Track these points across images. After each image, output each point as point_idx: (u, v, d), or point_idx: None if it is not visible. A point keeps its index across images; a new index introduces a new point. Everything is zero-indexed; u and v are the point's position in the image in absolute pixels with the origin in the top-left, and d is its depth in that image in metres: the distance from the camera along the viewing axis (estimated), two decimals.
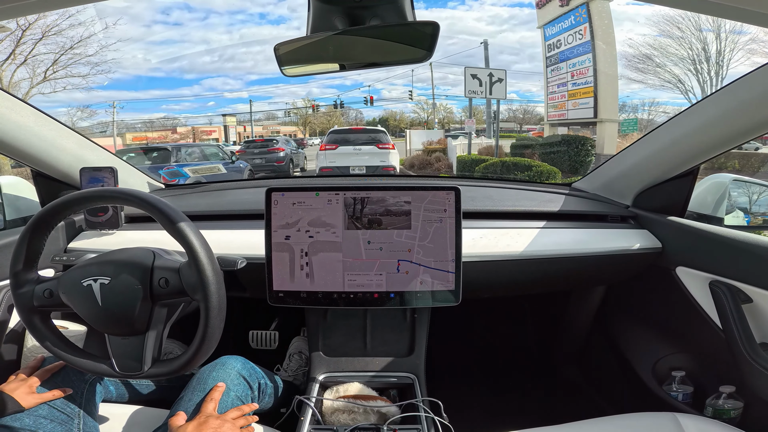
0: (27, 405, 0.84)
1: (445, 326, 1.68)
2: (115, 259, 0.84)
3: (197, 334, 0.80)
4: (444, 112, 36.65)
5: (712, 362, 1.23)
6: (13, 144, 1.11)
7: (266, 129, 36.20)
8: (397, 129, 37.43)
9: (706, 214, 1.32)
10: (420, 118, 37.33)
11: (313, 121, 37.20)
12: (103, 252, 0.89)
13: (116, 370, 0.83)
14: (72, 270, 0.84)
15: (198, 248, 0.79)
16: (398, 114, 40.42)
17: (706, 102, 1.04)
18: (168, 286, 0.82)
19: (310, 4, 0.78)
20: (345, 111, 37.32)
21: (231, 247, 1.13)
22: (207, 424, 0.82)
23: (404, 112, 41.57)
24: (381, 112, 40.26)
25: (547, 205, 1.38)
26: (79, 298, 0.81)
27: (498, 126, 15.16)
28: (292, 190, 1.07)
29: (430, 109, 36.25)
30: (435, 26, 0.80)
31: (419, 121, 37.19)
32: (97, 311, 0.81)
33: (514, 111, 32.13)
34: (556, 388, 1.71)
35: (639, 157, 1.31)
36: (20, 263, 0.83)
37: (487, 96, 13.18)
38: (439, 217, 1.06)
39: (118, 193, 0.84)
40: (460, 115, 34.60)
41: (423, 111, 36.86)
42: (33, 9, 0.61)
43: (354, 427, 0.95)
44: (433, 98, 31.66)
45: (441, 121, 37.11)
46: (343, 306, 1.09)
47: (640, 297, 1.43)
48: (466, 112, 31.54)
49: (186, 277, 0.81)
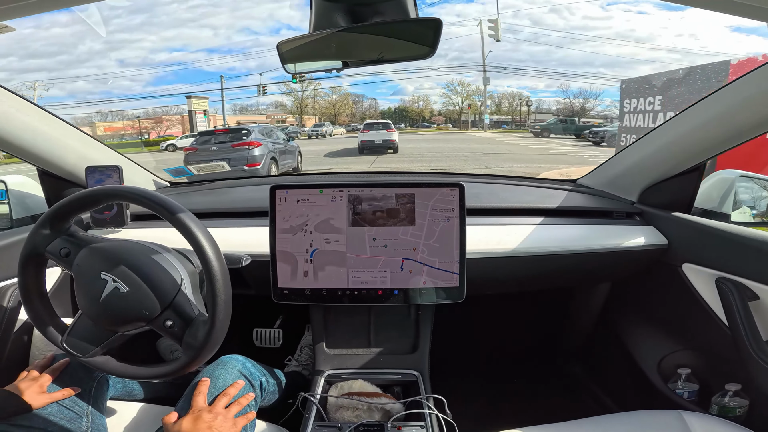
0: (38, 404, 0.85)
1: (449, 323, 1.68)
2: (144, 272, 0.80)
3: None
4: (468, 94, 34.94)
5: (717, 360, 1.22)
6: (19, 143, 1.12)
7: (270, 118, 34.00)
8: (419, 119, 36.36)
9: (713, 210, 1.31)
10: (453, 104, 35.48)
11: (312, 105, 35.33)
12: (146, 245, 0.86)
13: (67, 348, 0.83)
14: (103, 249, 0.82)
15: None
16: (421, 101, 38.37)
17: (713, 97, 1.03)
18: (169, 329, 0.79)
19: (312, 2, 0.78)
20: (358, 99, 36.42)
21: (235, 244, 1.14)
22: (201, 419, 0.82)
23: (429, 97, 39.88)
24: (397, 103, 39.04)
25: (551, 201, 1.37)
26: (85, 281, 0.80)
27: None
28: (296, 187, 1.07)
29: (465, 92, 34.46)
30: (438, 23, 0.80)
31: (451, 111, 35.51)
32: (94, 303, 0.80)
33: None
34: (561, 386, 1.71)
35: (645, 153, 1.30)
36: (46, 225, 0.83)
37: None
38: (447, 216, 1.06)
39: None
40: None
41: (456, 95, 35.14)
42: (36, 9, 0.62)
43: (358, 424, 0.96)
44: (484, 71, 29.00)
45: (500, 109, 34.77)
46: (348, 303, 1.09)
47: (645, 294, 1.42)
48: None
49: (191, 333, 0.79)
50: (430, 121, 36.33)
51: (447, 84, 35.67)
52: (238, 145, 8.72)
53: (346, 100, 35.43)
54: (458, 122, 34.95)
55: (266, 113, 35.16)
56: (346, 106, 35.66)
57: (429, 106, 37.77)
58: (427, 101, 38.36)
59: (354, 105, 36.35)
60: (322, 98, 35.14)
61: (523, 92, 36.63)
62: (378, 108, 36.97)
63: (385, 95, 48.51)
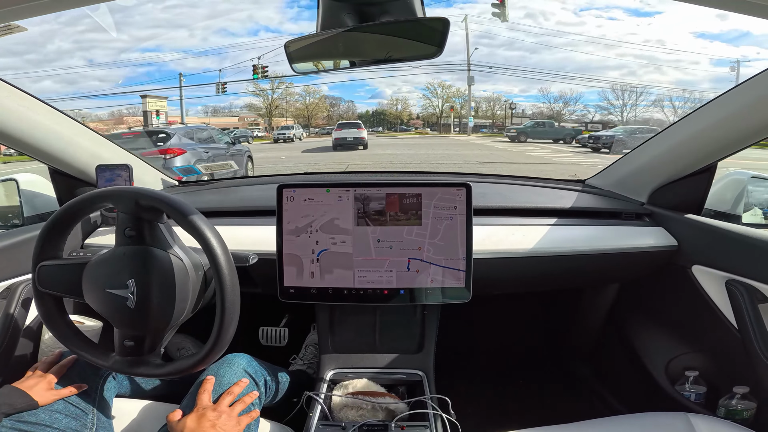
0: (45, 401, 0.85)
1: (455, 323, 1.68)
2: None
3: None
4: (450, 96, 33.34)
5: (726, 362, 1.20)
6: (32, 142, 1.14)
7: (243, 120, 32.45)
8: (398, 122, 35.24)
9: (724, 212, 1.29)
10: (433, 107, 34.04)
11: (285, 107, 33.36)
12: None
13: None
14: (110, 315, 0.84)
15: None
16: (399, 104, 37.09)
17: (725, 97, 1.02)
18: (133, 230, 0.83)
19: (320, 2, 0.78)
20: (335, 102, 35.18)
21: (242, 243, 1.14)
22: (204, 417, 0.82)
23: (407, 100, 37.98)
24: (375, 106, 37.76)
25: (559, 201, 1.36)
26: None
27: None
28: (303, 186, 1.07)
29: (446, 94, 32.69)
30: (445, 22, 0.80)
31: (430, 114, 34.08)
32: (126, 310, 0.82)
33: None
34: (567, 387, 1.69)
35: (655, 153, 1.29)
36: (90, 351, 0.86)
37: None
38: (450, 215, 1.06)
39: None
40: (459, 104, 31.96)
41: (436, 96, 33.59)
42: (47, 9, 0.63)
43: (362, 424, 0.96)
44: (468, 70, 27.66)
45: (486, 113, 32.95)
46: (353, 302, 1.09)
47: (654, 295, 1.41)
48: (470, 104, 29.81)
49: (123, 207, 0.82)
50: (409, 124, 35.36)
51: (427, 85, 34.16)
52: (151, 154, 6.72)
53: (321, 103, 34.16)
54: (438, 126, 33.59)
55: (239, 115, 33.69)
56: (322, 109, 34.26)
57: (407, 109, 36.86)
58: (405, 104, 37.34)
59: (331, 108, 35.10)
60: (295, 99, 33.88)
61: (501, 96, 35.57)
62: (356, 111, 36.03)
63: (363, 98, 48.21)
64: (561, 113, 31.02)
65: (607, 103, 30.01)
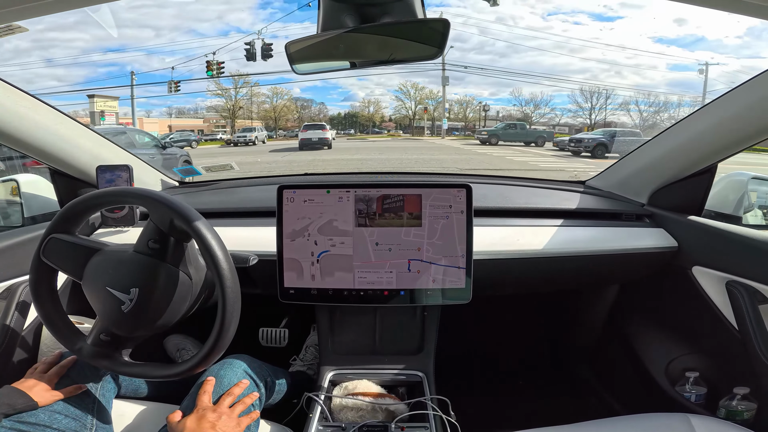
0: (44, 401, 0.85)
1: (455, 324, 1.68)
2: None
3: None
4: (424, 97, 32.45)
5: (726, 363, 1.20)
6: (34, 143, 1.14)
7: (208, 123, 30.41)
8: (370, 124, 34.37)
9: (724, 213, 1.29)
10: (405, 108, 33.17)
11: (249, 108, 31.34)
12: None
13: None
14: (101, 308, 0.84)
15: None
16: (371, 106, 36.13)
17: (726, 98, 1.02)
18: (157, 243, 0.83)
19: (320, 3, 0.78)
20: (307, 104, 34.23)
21: (243, 243, 1.14)
22: (205, 419, 0.82)
23: (380, 102, 37.40)
24: (348, 109, 36.87)
25: (560, 202, 1.36)
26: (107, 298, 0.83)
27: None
28: (303, 187, 1.07)
29: (419, 96, 31.82)
30: (446, 23, 0.79)
31: (403, 116, 33.19)
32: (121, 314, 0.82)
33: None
34: (568, 388, 1.69)
35: (655, 155, 1.29)
36: (62, 332, 0.88)
37: None
38: (445, 213, 1.06)
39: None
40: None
41: (409, 98, 32.68)
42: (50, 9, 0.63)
43: (362, 425, 0.96)
44: (443, 69, 26.56)
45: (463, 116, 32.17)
46: (353, 303, 1.09)
47: (654, 296, 1.41)
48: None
49: (156, 217, 0.82)
50: (381, 127, 34.58)
51: (399, 87, 33.49)
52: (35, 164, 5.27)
53: (290, 105, 32.75)
54: (411, 128, 32.71)
55: (204, 117, 32.04)
56: (290, 111, 32.81)
57: (380, 111, 35.97)
58: (378, 106, 36.46)
59: (302, 110, 33.88)
60: (262, 101, 32.39)
61: (474, 98, 35.10)
62: (327, 113, 35.38)
63: (336, 101, 48.05)
64: (531, 116, 31.07)
65: (577, 106, 30.24)
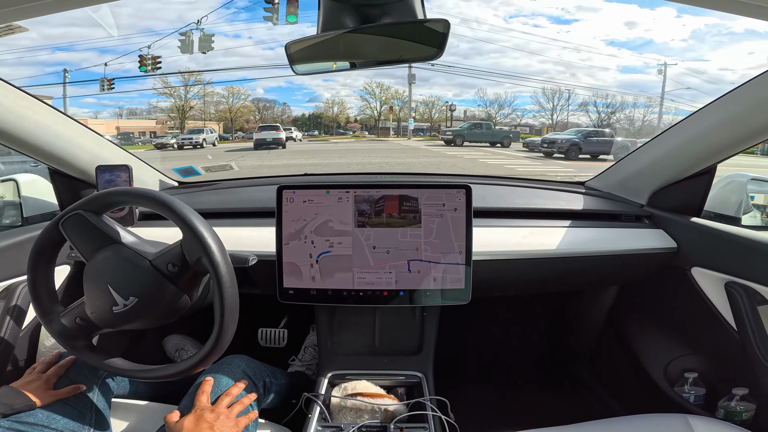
0: (43, 401, 0.85)
1: (454, 325, 1.68)
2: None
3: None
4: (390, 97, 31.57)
5: (725, 364, 1.21)
6: (33, 142, 1.14)
7: (162, 124, 27.85)
8: (334, 125, 33.29)
9: (723, 214, 1.30)
10: (371, 108, 32.17)
11: (201, 109, 29.07)
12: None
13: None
14: (91, 299, 0.84)
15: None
16: (336, 107, 34.83)
17: (725, 99, 1.02)
18: (176, 267, 0.83)
19: (320, 3, 0.78)
20: (269, 105, 32.94)
21: (242, 244, 1.14)
22: (203, 419, 0.82)
23: (344, 102, 36.04)
24: (312, 110, 35.61)
25: (559, 203, 1.36)
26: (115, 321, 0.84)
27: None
28: (303, 188, 1.07)
29: (384, 96, 30.82)
30: (446, 24, 0.79)
31: (368, 116, 32.39)
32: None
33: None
34: (567, 388, 1.69)
35: (655, 156, 1.29)
36: (42, 300, 0.87)
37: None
38: (439, 212, 1.06)
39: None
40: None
41: (374, 98, 31.56)
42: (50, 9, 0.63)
43: (361, 425, 0.96)
44: (410, 67, 24.48)
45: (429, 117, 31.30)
46: (353, 303, 1.09)
47: (653, 297, 1.41)
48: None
49: (187, 247, 0.82)
50: (346, 128, 33.48)
51: (365, 86, 32.12)
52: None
53: (249, 105, 30.86)
54: (376, 129, 31.64)
55: (157, 118, 29.50)
56: (249, 112, 31.06)
57: (344, 112, 34.77)
58: (342, 106, 35.15)
59: (264, 110, 32.17)
60: (216, 100, 29.87)
61: (439, 98, 34.61)
62: (291, 114, 34.16)
63: (301, 102, 47.72)
64: (495, 117, 30.92)
65: (539, 106, 30.49)
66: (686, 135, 1.16)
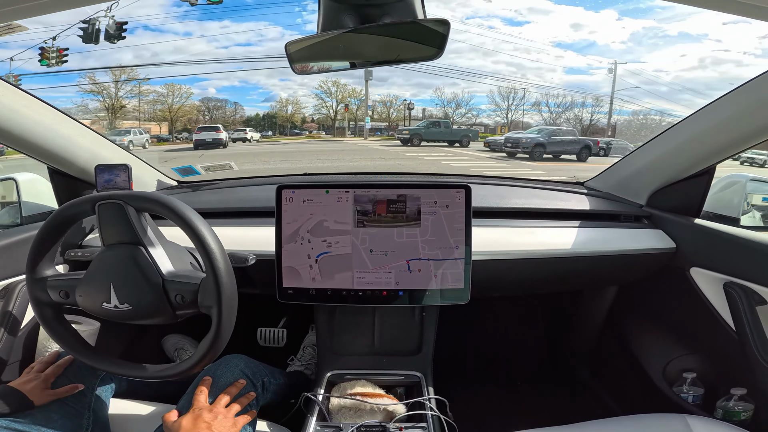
0: (41, 401, 0.85)
1: (454, 325, 1.68)
2: (135, 283, 0.83)
3: (209, 334, 0.81)
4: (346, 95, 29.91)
5: (723, 364, 1.21)
6: (34, 141, 1.14)
7: (98, 124, 24.10)
8: (288, 125, 31.07)
9: (722, 215, 1.30)
10: (326, 107, 30.46)
11: (137, 108, 25.49)
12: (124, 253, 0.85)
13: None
14: (93, 281, 0.84)
15: (212, 247, 0.80)
16: (290, 106, 32.40)
17: (724, 99, 1.02)
18: (185, 301, 0.83)
19: (320, 3, 0.78)
20: (220, 105, 30.23)
21: (241, 243, 1.14)
22: (200, 418, 0.82)
23: (299, 100, 33.92)
24: (267, 110, 33.08)
25: (558, 203, 1.36)
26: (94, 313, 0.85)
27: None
28: (302, 187, 1.07)
29: (341, 94, 29.48)
30: (446, 24, 0.79)
31: (324, 116, 30.79)
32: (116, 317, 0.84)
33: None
34: (566, 388, 1.70)
35: (654, 156, 1.29)
36: (38, 260, 0.86)
37: None
38: (433, 210, 1.06)
39: (128, 196, 0.84)
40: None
41: (330, 96, 29.77)
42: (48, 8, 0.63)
43: (360, 425, 0.96)
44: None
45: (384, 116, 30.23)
46: (352, 303, 1.09)
47: (652, 297, 1.42)
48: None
49: (204, 294, 0.82)
50: (303, 128, 31.61)
51: (320, 85, 30.20)
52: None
53: (193, 105, 27.70)
54: (333, 129, 30.20)
55: (93, 119, 25.61)
56: (193, 112, 27.68)
57: (300, 111, 32.41)
58: (297, 105, 32.66)
59: (214, 110, 29.36)
60: (154, 98, 26.45)
61: (397, 98, 33.28)
62: (244, 114, 31.85)
63: (257, 101, 46.58)
64: (452, 116, 30.08)
65: (495, 105, 30.03)
66: (685, 135, 1.16)
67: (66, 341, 0.88)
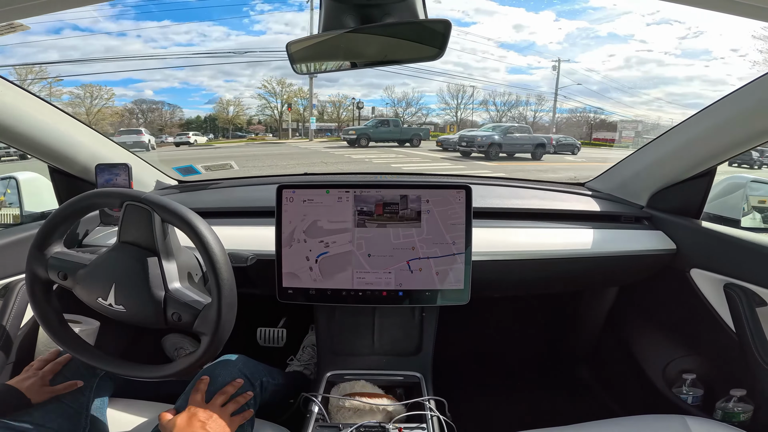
0: (39, 399, 0.85)
1: (453, 325, 1.68)
2: (135, 288, 0.82)
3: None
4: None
5: (723, 365, 1.21)
6: (34, 140, 1.14)
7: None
8: (230, 127, 29.62)
9: (723, 216, 1.30)
10: (271, 108, 29.18)
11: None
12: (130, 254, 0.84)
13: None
14: (94, 274, 0.83)
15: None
16: (232, 107, 30.87)
17: (725, 101, 1.02)
18: (180, 322, 0.81)
19: (321, 3, 0.78)
20: (156, 107, 29.14)
21: (241, 243, 1.14)
22: (195, 417, 0.81)
23: (241, 101, 32.80)
24: (211, 111, 31.63)
25: (559, 204, 1.36)
26: (88, 305, 0.84)
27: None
28: (302, 187, 1.07)
29: (286, 93, 28.15)
30: (447, 24, 0.79)
31: (269, 117, 29.54)
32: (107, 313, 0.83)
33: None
34: (565, 389, 1.70)
35: (655, 157, 1.29)
36: (49, 235, 0.86)
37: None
38: (426, 209, 1.06)
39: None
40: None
41: (274, 96, 28.50)
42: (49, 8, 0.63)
43: (359, 425, 0.96)
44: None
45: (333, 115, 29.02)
46: (352, 303, 1.09)
47: (652, 298, 1.42)
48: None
49: (202, 320, 0.80)
50: (248, 130, 30.01)
51: (263, 84, 29.25)
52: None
53: (112, 108, 26.05)
54: (279, 130, 28.99)
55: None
56: (115, 115, 26.08)
57: (243, 112, 30.87)
58: (240, 106, 31.09)
59: (148, 113, 28.20)
60: (71, 99, 24.59)
61: (346, 98, 31.86)
62: (183, 116, 30.18)
63: (199, 103, 44.87)
64: (402, 115, 30.33)
65: (445, 104, 30.86)
66: (686, 137, 1.16)
67: (51, 326, 0.88)
